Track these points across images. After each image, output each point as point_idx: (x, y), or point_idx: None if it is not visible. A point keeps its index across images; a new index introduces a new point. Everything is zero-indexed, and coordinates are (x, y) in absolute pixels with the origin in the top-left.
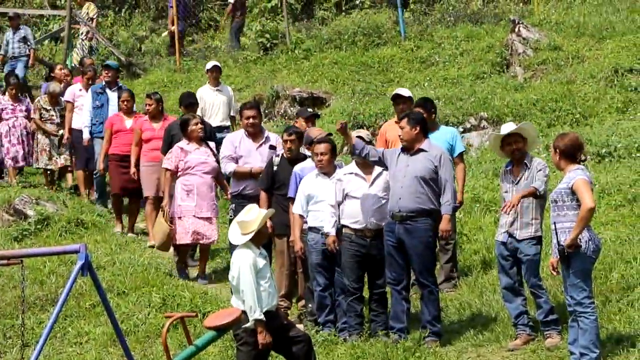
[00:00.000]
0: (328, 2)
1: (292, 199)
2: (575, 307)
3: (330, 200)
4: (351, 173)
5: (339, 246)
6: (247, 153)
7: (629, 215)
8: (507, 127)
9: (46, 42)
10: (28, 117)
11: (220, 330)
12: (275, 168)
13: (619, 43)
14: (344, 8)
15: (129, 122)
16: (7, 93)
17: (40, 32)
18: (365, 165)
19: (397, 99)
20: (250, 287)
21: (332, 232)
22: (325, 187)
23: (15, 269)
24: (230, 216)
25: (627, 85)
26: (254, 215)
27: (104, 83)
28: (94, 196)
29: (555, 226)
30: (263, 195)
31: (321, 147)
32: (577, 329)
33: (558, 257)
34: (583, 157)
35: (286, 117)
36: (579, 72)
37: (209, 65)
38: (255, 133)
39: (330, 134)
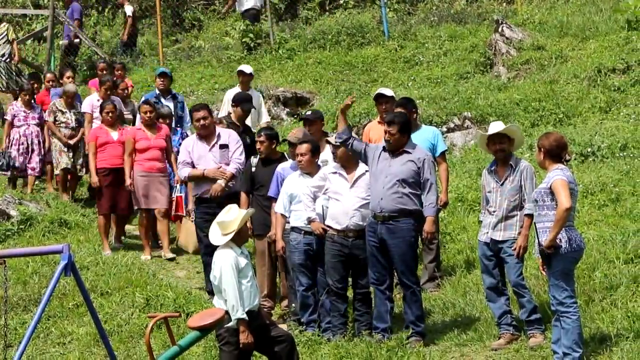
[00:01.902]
0: (312, 1)
1: (273, 199)
2: (557, 306)
3: (309, 193)
4: (334, 172)
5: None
6: (200, 156)
7: (612, 215)
8: (496, 127)
9: (29, 41)
10: (40, 125)
11: (204, 331)
12: (253, 169)
13: (601, 43)
14: (327, 8)
15: (114, 134)
16: (19, 98)
17: (23, 32)
18: (349, 164)
19: (379, 98)
20: (232, 286)
21: (313, 215)
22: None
23: None
24: (192, 219)
25: (610, 84)
26: (234, 215)
27: (157, 91)
28: None
29: (536, 226)
30: (243, 196)
31: (301, 148)
32: (560, 329)
33: (540, 257)
34: (567, 157)
35: (270, 117)
36: (562, 71)
37: (240, 68)
38: (207, 135)
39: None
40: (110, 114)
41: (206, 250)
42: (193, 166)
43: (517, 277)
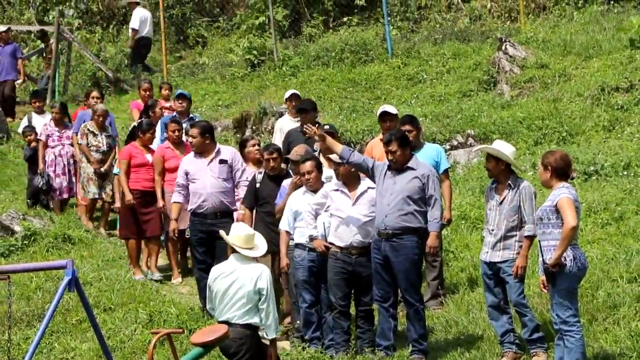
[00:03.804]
0: (315, 19)
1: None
2: (561, 325)
3: (311, 210)
4: (336, 190)
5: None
6: (197, 171)
7: (616, 234)
8: (496, 144)
9: (34, 58)
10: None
11: (207, 347)
12: (258, 185)
13: (605, 61)
14: (331, 25)
15: (149, 156)
16: (52, 119)
17: (28, 48)
18: (350, 181)
19: (384, 116)
20: (275, 302)
21: (314, 233)
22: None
23: (1, 284)
24: (187, 235)
25: (614, 103)
26: (250, 229)
27: (175, 114)
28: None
29: (540, 244)
30: (247, 212)
31: (307, 166)
32: (563, 347)
33: (544, 275)
34: (573, 175)
35: (273, 134)
36: (566, 90)
37: (288, 93)
38: (201, 152)
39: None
40: (151, 135)
41: (200, 267)
42: (188, 188)
43: (518, 296)
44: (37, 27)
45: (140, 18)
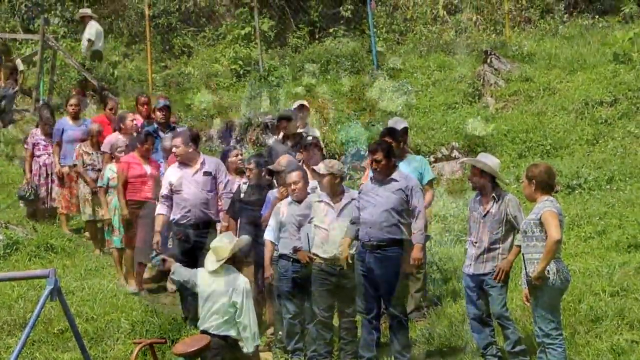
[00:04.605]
0: (301, 30)
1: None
2: (543, 338)
3: (295, 221)
4: (320, 201)
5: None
6: (181, 182)
7: (598, 247)
8: (480, 157)
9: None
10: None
11: (189, 357)
12: (242, 195)
13: (589, 75)
14: (317, 36)
15: (148, 167)
16: (39, 127)
17: (13, 56)
18: (335, 193)
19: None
20: (254, 313)
21: (298, 244)
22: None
23: None
24: (170, 245)
25: (598, 117)
26: (228, 240)
27: (156, 125)
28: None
29: (524, 257)
30: (232, 222)
31: (293, 176)
32: None
33: (527, 288)
34: (557, 188)
35: (258, 144)
36: (550, 103)
37: (296, 104)
38: (185, 162)
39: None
40: (148, 146)
41: None
42: (172, 200)
43: (501, 308)
44: (22, 35)
45: (96, 31)
